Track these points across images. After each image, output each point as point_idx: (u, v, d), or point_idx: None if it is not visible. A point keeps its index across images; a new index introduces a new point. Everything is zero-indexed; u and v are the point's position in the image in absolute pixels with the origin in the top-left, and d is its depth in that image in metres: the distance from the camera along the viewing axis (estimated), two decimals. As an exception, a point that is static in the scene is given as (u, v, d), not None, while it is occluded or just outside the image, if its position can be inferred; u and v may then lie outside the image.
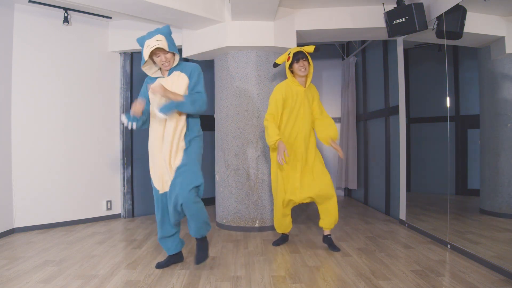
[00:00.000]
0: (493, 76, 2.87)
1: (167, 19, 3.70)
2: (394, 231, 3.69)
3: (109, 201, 4.41)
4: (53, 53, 3.98)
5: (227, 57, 3.91)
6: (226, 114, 3.90)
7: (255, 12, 3.54)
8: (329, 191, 3.01)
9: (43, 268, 2.69)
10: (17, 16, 3.74)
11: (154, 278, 2.50)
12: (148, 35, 2.54)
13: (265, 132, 3.04)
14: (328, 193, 3.01)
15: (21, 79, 3.77)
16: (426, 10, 3.34)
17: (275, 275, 2.54)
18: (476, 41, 3.01)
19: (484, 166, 2.99)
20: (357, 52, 5.41)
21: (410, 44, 3.86)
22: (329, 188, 3.01)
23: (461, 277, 2.41)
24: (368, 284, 2.35)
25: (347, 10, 3.85)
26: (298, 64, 3.00)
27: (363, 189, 5.35)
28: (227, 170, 3.88)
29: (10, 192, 3.69)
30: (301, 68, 3.00)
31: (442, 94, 3.24)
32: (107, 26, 4.39)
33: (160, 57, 2.53)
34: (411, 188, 3.89)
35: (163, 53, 2.53)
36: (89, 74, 4.25)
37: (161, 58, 2.53)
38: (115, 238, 3.57)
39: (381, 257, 2.88)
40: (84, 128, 4.19)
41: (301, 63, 3.00)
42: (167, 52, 2.54)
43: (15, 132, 3.73)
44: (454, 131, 3.18)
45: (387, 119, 4.45)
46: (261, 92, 3.84)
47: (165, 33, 2.55)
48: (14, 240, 3.46)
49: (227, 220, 3.91)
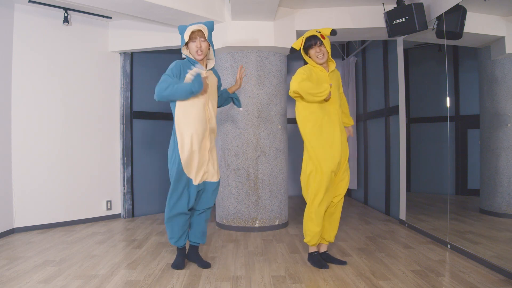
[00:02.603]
0: (493, 76, 2.87)
1: (167, 19, 3.70)
2: (394, 231, 3.69)
3: (109, 201, 4.41)
4: (53, 53, 3.98)
5: (227, 57, 3.91)
6: (226, 114, 3.90)
7: (255, 12, 3.54)
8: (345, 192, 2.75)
9: (43, 268, 2.69)
10: (17, 16, 3.74)
11: (154, 278, 2.50)
12: (192, 24, 2.64)
13: (306, 93, 2.50)
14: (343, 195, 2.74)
15: (21, 79, 3.77)
16: (426, 10, 3.34)
17: (275, 275, 2.54)
18: (476, 41, 3.01)
19: (484, 166, 2.99)
20: (357, 52, 5.41)
21: (410, 44, 3.86)
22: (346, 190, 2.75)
23: (461, 277, 2.41)
24: (368, 284, 2.35)
25: (347, 10, 3.85)
26: (313, 50, 2.64)
27: (363, 189, 5.35)
28: (227, 170, 3.89)
29: (10, 192, 3.69)
30: (318, 54, 2.63)
31: (442, 94, 3.24)
32: (107, 26, 4.39)
33: (196, 42, 2.58)
34: (411, 188, 3.89)
35: (200, 40, 2.59)
36: (89, 74, 4.25)
37: (197, 43, 2.58)
38: (115, 238, 3.57)
39: (381, 257, 2.88)
40: (84, 128, 4.19)
41: (317, 49, 2.62)
42: (204, 40, 2.60)
43: (15, 132, 3.73)
44: (454, 131, 3.18)
45: (387, 119, 4.45)
46: (261, 92, 3.85)
47: (208, 26, 2.65)
48: (14, 240, 3.46)
49: (227, 220, 3.91)
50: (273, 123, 3.88)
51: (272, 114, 3.88)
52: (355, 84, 5.58)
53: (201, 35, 2.58)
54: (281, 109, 3.95)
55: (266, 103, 3.86)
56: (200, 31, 2.58)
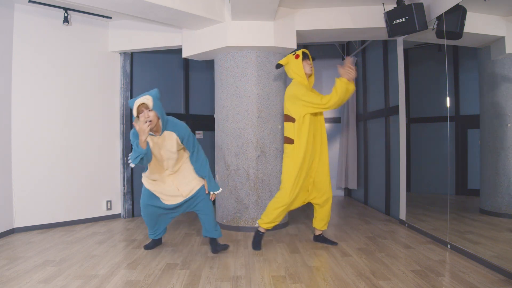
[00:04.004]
0: (493, 76, 2.87)
1: (167, 19, 3.70)
2: (394, 231, 3.69)
3: (109, 201, 4.41)
4: (53, 53, 3.98)
5: (227, 57, 3.91)
6: (226, 114, 3.90)
7: (255, 12, 3.54)
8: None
9: (43, 268, 2.69)
10: (17, 16, 3.74)
11: (154, 278, 2.50)
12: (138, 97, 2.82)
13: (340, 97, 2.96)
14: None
15: (21, 79, 3.77)
16: (426, 10, 3.34)
17: (275, 275, 2.54)
18: (476, 41, 3.01)
19: (484, 166, 2.99)
20: (357, 52, 5.41)
21: (410, 44, 3.86)
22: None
23: (461, 277, 2.41)
24: (368, 284, 2.35)
25: (347, 10, 3.85)
26: (306, 62, 3.11)
27: (363, 189, 5.35)
28: (227, 170, 3.88)
29: (10, 192, 3.69)
30: (310, 66, 3.13)
31: (442, 94, 3.24)
32: (107, 26, 4.39)
33: (144, 113, 2.72)
34: (411, 188, 3.89)
35: (146, 110, 2.73)
36: (89, 74, 4.25)
37: (144, 114, 2.72)
38: (115, 238, 3.57)
39: (381, 257, 2.88)
40: (84, 128, 4.19)
41: (308, 62, 3.13)
42: (150, 110, 2.74)
43: (15, 132, 3.73)
44: (454, 131, 3.18)
45: (387, 119, 4.45)
46: (261, 92, 3.84)
47: (153, 95, 2.81)
48: (14, 240, 3.46)
49: (227, 220, 3.91)
50: (273, 123, 3.88)
51: (272, 114, 3.88)
52: (355, 84, 5.57)
53: (146, 107, 2.73)
54: (281, 109, 3.95)
55: (266, 103, 3.86)
56: (143, 104, 2.73)
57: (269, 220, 3.08)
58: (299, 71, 3.08)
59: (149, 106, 2.74)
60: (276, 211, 3.05)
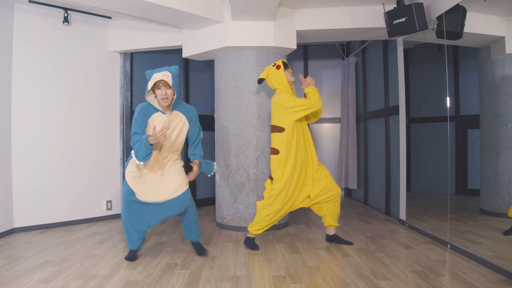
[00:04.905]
0: (493, 76, 2.87)
1: (167, 19, 3.70)
2: (394, 231, 3.69)
3: (109, 201, 4.41)
4: (53, 53, 3.98)
5: (227, 57, 3.91)
6: (226, 114, 3.90)
7: (255, 12, 3.54)
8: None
9: (43, 268, 2.69)
10: (17, 16, 3.74)
11: (154, 278, 2.50)
12: (157, 70, 2.76)
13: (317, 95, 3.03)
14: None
15: (21, 79, 3.77)
16: (426, 10, 3.34)
17: (275, 275, 2.54)
18: (476, 41, 3.01)
19: (484, 166, 2.99)
20: (357, 52, 5.41)
21: (410, 44, 3.86)
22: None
23: (461, 277, 2.41)
24: (368, 284, 2.35)
25: (347, 10, 3.85)
26: (287, 71, 3.18)
27: (363, 189, 5.35)
28: (227, 170, 3.89)
29: (10, 192, 3.69)
30: (291, 74, 3.20)
31: (442, 94, 3.24)
32: (107, 26, 4.39)
33: (162, 90, 2.69)
34: (411, 188, 3.89)
35: (165, 88, 2.70)
36: (89, 74, 4.25)
37: (163, 91, 2.69)
38: (115, 238, 3.57)
39: (381, 257, 2.88)
40: (84, 128, 4.19)
41: (289, 70, 3.21)
42: (169, 88, 2.71)
43: (15, 132, 3.73)
44: (454, 131, 3.18)
45: (387, 119, 4.45)
46: (261, 92, 3.84)
47: (173, 72, 2.76)
48: (14, 240, 3.46)
49: (227, 220, 3.91)
50: (273, 123, 3.88)
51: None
52: (355, 84, 5.58)
53: (165, 84, 2.70)
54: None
55: (266, 103, 3.86)
56: (163, 81, 2.69)
57: (261, 227, 3.13)
58: (282, 80, 3.15)
59: (169, 83, 2.69)
60: (268, 217, 3.11)
